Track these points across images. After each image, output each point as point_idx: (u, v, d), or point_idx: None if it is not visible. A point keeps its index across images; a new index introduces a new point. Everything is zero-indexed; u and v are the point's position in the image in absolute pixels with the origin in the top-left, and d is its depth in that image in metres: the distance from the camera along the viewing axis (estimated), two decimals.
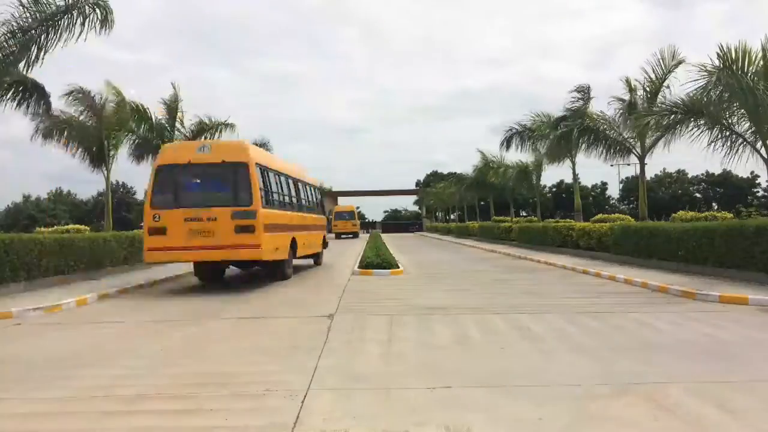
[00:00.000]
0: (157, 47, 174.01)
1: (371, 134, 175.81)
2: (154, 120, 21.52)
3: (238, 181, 10.83)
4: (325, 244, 17.99)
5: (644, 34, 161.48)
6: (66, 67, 27.41)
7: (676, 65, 16.56)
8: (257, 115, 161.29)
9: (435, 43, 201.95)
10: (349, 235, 47.15)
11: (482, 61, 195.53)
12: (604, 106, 20.69)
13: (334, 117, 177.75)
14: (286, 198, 13.39)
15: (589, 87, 20.59)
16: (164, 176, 11.02)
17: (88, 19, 12.42)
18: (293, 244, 12.99)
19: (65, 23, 12.18)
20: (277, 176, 12.79)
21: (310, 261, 16.68)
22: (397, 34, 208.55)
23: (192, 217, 10.52)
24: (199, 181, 11.68)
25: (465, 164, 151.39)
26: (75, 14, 12.29)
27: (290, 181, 13.97)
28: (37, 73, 13.71)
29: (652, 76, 16.99)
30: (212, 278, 12.71)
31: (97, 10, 12.51)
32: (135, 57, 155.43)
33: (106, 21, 12.63)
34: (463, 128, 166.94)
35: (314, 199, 16.97)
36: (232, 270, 13.98)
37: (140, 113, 20.72)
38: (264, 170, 11.66)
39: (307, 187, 16.19)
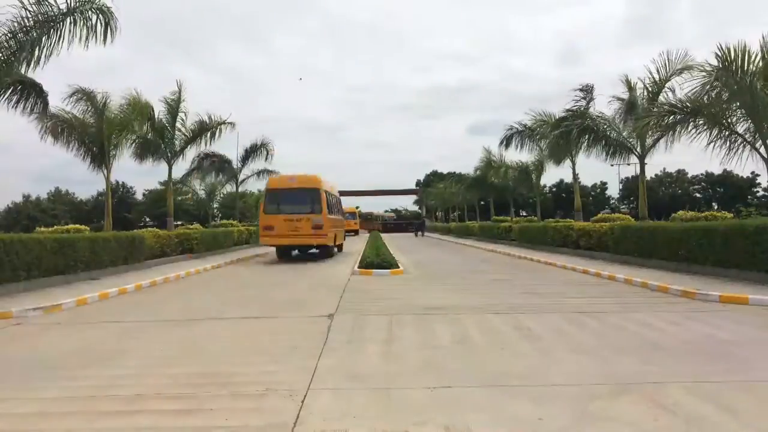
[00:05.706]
0: (117, 40, 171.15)
1: (352, 132, 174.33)
2: (156, 119, 21.52)
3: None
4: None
5: (616, 27, 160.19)
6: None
7: (682, 70, 16.08)
8: (231, 113, 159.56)
9: (405, 39, 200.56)
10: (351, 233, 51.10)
11: (453, 57, 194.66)
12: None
13: (311, 115, 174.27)
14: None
15: (592, 86, 20.50)
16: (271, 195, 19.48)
17: (90, 24, 12.26)
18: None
19: (69, 26, 12.08)
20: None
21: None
22: (363, 27, 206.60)
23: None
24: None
25: (454, 164, 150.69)
26: (78, 18, 12.17)
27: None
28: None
29: (656, 76, 16.85)
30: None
31: (100, 16, 12.37)
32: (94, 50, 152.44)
33: (107, 29, 12.49)
34: (447, 127, 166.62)
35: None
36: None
37: (142, 112, 20.67)
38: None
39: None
